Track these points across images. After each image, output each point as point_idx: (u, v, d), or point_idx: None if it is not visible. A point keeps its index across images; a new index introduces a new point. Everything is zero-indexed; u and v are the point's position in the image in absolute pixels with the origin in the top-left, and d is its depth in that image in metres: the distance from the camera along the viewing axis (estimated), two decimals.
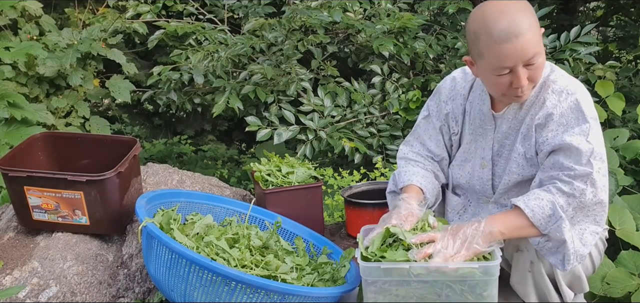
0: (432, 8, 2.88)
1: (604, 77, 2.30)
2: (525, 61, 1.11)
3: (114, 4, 3.19)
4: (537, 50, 1.12)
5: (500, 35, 1.09)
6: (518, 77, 1.12)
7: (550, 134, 1.17)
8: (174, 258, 1.20)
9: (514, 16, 1.10)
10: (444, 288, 1.12)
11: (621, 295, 1.43)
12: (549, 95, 1.19)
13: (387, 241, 1.17)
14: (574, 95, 1.16)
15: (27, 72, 2.61)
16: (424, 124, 1.40)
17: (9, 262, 1.48)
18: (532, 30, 1.11)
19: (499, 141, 1.28)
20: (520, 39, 1.09)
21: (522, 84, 1.13)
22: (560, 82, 1.19)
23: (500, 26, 1.10)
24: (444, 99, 1.36)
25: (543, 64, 1.16)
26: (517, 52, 1.10)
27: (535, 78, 1.15)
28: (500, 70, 1.13)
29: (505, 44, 1.09)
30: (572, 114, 1.15)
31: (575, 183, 1.11)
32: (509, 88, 1.15)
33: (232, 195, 1.96)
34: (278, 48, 2.60)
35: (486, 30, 1.11)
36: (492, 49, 1.11)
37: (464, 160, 1.34)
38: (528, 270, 1.20)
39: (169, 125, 4.00)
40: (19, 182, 1.52)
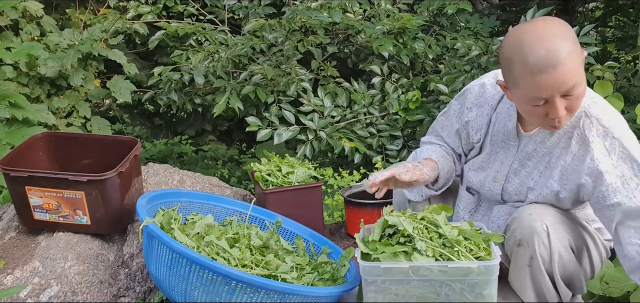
0: (432, 9, 2.89)
1: (603, 78, 2.30)
2: (563, 92, 1.03)
3: (115, 4, 3.20)
4: (577, 81, 1.03)
5: (536, 65, 1.01)
6: (555, 108, 1.05)
7: (610, 188, 1.11)
8: (175, 258, 1.21)
9: (552, 43, 1.01)
10: (444, 287, 1.13)
11: (620, 294, 1.43)
12: (594, 139, 1.12)
13: (386, 232, 1.18)
14: (620, 140, 1.11)
15: (28, 72, 2.62)
16: (442, 120, 1.37)
17: (10, 262, 1.48)
18: (572, 58, 1.01)
19: (520, 160, 1.23)
20: (559, 69, 1.00)
21: (559, 114, 1.06)
22: (604, 120, 1.13)
23: (537, 55, 1.01)
24: (468, 104, 1.29)
25: (583, 93, 1.08)
26: (554, 84, 1.02)
27: (574, 108, 1.07)
28: (536, 101, 1.06)
29: (542, 75, 1.01)
30: (626, 164, 1.11)
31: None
32: (545, 118, 1.08)
33: (232, 195, 1.97)
34: (278, 48, 2.61)
35: (521, 59, 1.03)
36: (527, 79, 1.03)
37: (479, 168, 1.31)
38: (527, 264, 1.19)
39: (170, 125, 4.01)
40: (20, 182, 1.53)
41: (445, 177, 1.33)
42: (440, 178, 1.32)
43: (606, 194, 1.12)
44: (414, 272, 1.12)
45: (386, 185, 1.23)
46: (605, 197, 1.12)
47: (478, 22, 2.91)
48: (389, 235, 1.19)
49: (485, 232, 1.23)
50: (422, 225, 1.18)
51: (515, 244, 1.20)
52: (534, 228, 1.16)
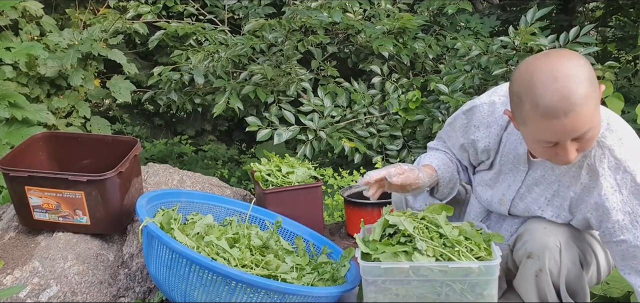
0: (432, 8, 2.89)
1: (603, 78, 2.30)
2: (575, 136, 0.97)
3: (115, 4, 3.20)
4: (591, 127, 0.96)
5: (547, 109, 0.94)
6: (565, 151, 0.98)
7: (617, 225, 1.07)
8: (175, 258, 1.20)
9: (566, 88, 0.92)
10: (444, 287, 1.13)
11: (620, 295, 1.43)
12: (604, 170, 1.06)
13: (387, 231, 1.18)
14: (633, 174, 1.04)
15: (28, 72, 2.62)
16: (448, 130, 1.32)
17: (9, 262, 1.48)
18: (587, 103, 0.93)
19: (527, 186, 1.19)
20: (571, 116, 0.93)
21: (569, 158, 0.99)
22: (618, 152, 1.05)
23: (549, 99, 0.93)
24: (476, 122, 1.22)
25: (597, 133, 1.00)
26: (565, 130, 0.95)
27: (585, 148, 1.01)
28: (545, 144, 0.99)
29: (552, 120, 0.94)
30: (637, 200, 1.05)
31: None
32: (554, 157, 1.02)
33: (232, 195, 1.97)
34: (278, 48, 2.61)
35: (531, 99, 0.95)
36: (536, 121, 0.96)
37: (487, 185, 1.27)
38: (534, 275, 1.18)
39: (170, 125, 4.01)
40: (20, 182, 1.52)
41: (448, 186, 1.30)
42: (441, 185, 1.28)
43: (613, 231, 1.08)
44: (414, 272, 1.11)
45: (380, 186, 1.22)
46: (612, 234, 1.08)
47: (478, 22, 2.91)
48: (389, 234, 1.19)
49: (486, 232, 1.23)
50: (423, 225, 1.18)
51: (526, 255, 1.18)
52: (546, 244, 1.14)
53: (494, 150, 1.22)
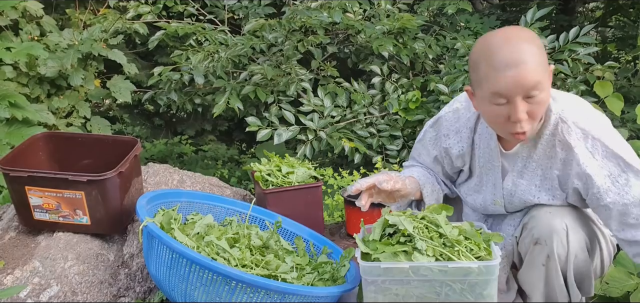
0: (432, 9, 2.89)
1: (603, 78, 2.30)
2: (525, 92, 1.04)
3: (115, 4, 3.20)
4: (539, 80, 1.04)
5: (500, 62, 1.04)
6: (516, 108, 1.05)
7: (601, 189, 1.11)
8: (175, 258, 1.21)
9: (518, 45, 1.04)
10: (444, 287, 1.13)
11: (620, 294, 1.43)
12: (575, 142, 1.12)
13: (387, 231, 1.18)
14: (600, 139, 1.11)
15: (28, 72, 2.62)
16: (419, 148, 1.37)
17: (10, 262, 1.48)
18: (536, 61, 1.04)
19: (513, 181, 1.23)
20: (521, 67, 1.02)
21: (519, 116, 1.06)
22: (581, 122, 1.12)
23: (502, 54, 1.04)
24: (444, 131, 1.29)
25: (546, 100, 1.08)
26: (516, 81, 1.03)
27: (535, 114, 1.07)
28: (498, 98, 1.06)
29: (505, 71, 1.03)
30: (611, 162, 1.10)
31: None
32: (507, 122, 1.08)
33: (232, 195, 1.97)
34: (278, 48, 2.61)
35: (487, 58, 1.06)
36: (490, 76, 1.05)
37: (475, 191, 1.30)
38: (542, 263, 1.18)
39: (170, 125, 4.01)
40: (20, 182, 1.52)
41: (432, 195, 1.33)
42: (426, 195, 1.31)
43: (599, 195, 1.12)
44: (414, 272, 1.12)
45: (370, 195, 1.24)
46: (599, 198, 1.12)
47: (478, 22, 2.91)
48: (389, 234, 1.19)
49: (486, 232, 1.23)
50: (423, 225, 1.18)
51: (532, 242, 1.19)
52: (553, 227, 1.15)
53: (468, 154, 1.27)
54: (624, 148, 1.12)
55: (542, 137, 1.16)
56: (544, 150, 1.17)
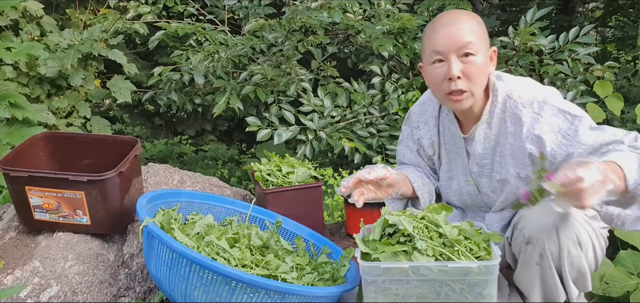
0: (432, 9, 2.88)
1: (603, 78, 2.30)
2: (458, 47, 1.14)
3: (115, 4, 3.20)
4: (471, 41, 1.14)
5: (438, 24, 1.17)
6: (450, 65, 1.15)
7: (556, 144, 1.15)
8: (175, 258, 1.21)
9: (456, 14, 1.17)
10: (444, 287, 1.13)
11: (620, 294, 1.43)
12: (522, 111, 1.18)
13: (386, 231, 1.18)
14: (546, 102, 1.17)
15: (28, 72, 2.62)
16: (401, 149, 1.45)
17: (10, 262, 1.48)
18: (470, 26, 1.15)
19: (477, 162, 1.28)
20: (455, 26, 1.14)
21: (453, 71, 1.14)
22: (525, 95, 1.19)
23: (440, 19, 1.18)
24: (414, 124, 1.39)
25: (483, 66, 1.17)
26: (450, 36, 1.14)
27: (470, 74, 1.16)
28: (435, 56, 1.17)
29: (440, 29, 1.16)
30: (559, 118, 1.15)
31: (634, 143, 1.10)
32: (445, 81, 1.17)
33: (232, 195, 1.97)
34: (278, 49, 2.61)
35: (429, 26, 1.20)
36: (430, 37, 1.18)
37: (448, 179, 1.37)
38: (536, 262, 1.19)
39: (170, 125, 4.01)
40: (20, 182, 1.53)
41: (424, 189, 1.36)
42: (417, 189, 1.34)
43: (553, 153, 1.16)
44: (414, 272, 1.12)
45: (360, 192, 1.25)
46: (554, 156, 1.17)
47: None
48: (389, 234, 1.19)
49: (485, 232, 1.23)
50: (422, 225, 1.18)
51: (524, 242, 1.20)
52: (542, 225, 1.16)
53: (436, 142, 1.36)
54: (570, 105, 1.17)
55: (493, 116, 1.23)
56: (498, 128, 1.23)
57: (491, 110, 1.23)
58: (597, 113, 2.21)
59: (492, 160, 1.26)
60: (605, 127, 1.13)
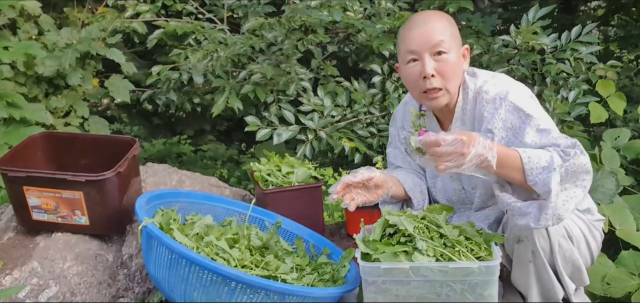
0: (433, 7, 2.87)
1: (605, 77, 2.29)
2: (431, 47, 1.19)
3: (113, 3, 3.19)
4: (443, 40, 1.19)
5: (411, 25, 1.22)
6: (424, 64, 1.19)
7: (504, 141, 1.19)
8: (174, 259, 1.20)
9: (427, 14, 1.23)
10: (444, 287, 1.12)
11: (621, 295, 1.43)
12: (484, 106, 1.22)
13: (387, 231, 1.18)
14: (506, 98, 1.19)
15: (26, 71, 2.61)
16: (391, 151, 1.49)
17: (8, 262, 1.48)
18: (442, 25, 1.20)
19: None
20: (427, 26, 1.20)
21: (427, 71, 1.19)
22: (492, 91, 1.22)
23: (413, 19, 1.24)
24: (399, 124, 1.44)
25: (455, 64, 1.21)
26: (422, 36, 1.19)
27: (444, 72, 1.20)
28: (410, 55, 1.21)
29: (413, 29, 1.21)
30: (513, 115, 1.18)
31: (568, 149, 1.12)
32: (420, 79, 1.21)
33: (231, 195, 1.96)
34: (278, 47, 2.60)
35: (403, 27, 1.24)
36: (404, 37, 1.23)
37: (433, 177, 1.39)
38: (529, 260, 1.20)
39: (168, 125, 4.00)
40: (18, 182, 1.52)
41: (415, 190, 1.39)
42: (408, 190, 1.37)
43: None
44: (415, 273, 1.11)
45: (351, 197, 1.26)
46: None
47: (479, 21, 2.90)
48: (389, 234, 1.18)
49: (486, 233, 1.22)
50: (423, 225, 1.17)
51: (515, 241, 1.21)
52: None
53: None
54: (529, 104, 1.18)
55: (466, 113, 1.26)
56: (472, 124, 1.26)
57: (464, 107, 1.26)
58: (599, 112, 2.20)
59: None
60: (552, 131, 1.14)
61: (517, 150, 1.12)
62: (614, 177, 1.71)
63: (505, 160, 1.09)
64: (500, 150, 1.09)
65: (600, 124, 2.48)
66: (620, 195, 1.78)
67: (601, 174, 1.72)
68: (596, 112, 2.19)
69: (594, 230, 1.27)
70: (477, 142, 1.05)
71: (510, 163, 1.10)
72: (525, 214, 1.11)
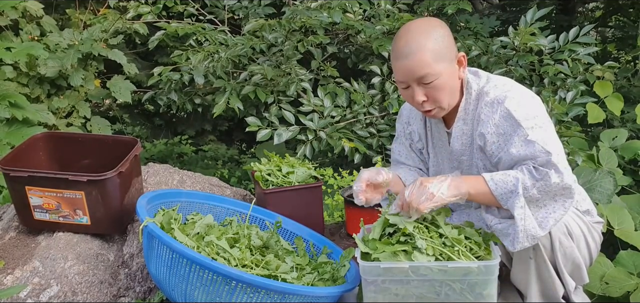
0: (432, 9, 2.88)
1: (603, 78, 2.30)
2: (416, 80, 1.19)
3: (115, 4, 3.20)
4: (428, 72, 1.17)
5: (396, 53, 1.21)
6: (413, 93, 1.21)
7: (495, 146, 1.20)
8: (175, 258, 1.21)
9: (410, 37, 1.18)
10: (444, 287, 1.13)
11: (620, 294, 1.43)
12: (483, 108, 1.23)
13: (387, 230, 1.18)
14: (503, 104, 1.19)
15: (28, 72, 2.62)
16: (396, 147, 1.48)
17: (10, 262, 1.48)
18: (424, 53, 1.17)
19: (457, 158, 1.32)
20: (410, 59, 1.17)
21: (417, 99, 1.20)
22: (492, 93, 1.22)
23: (397, 46, 1.20)
24: (405, 120, 1.45)
25: (445, 84, 1.20)
26: (406, 71, 1.19)
27: (434, 97, 1.21)
28: (400, 84, 1.23)
29: (397, 61, 1.20)
30: (506, 122, 1.18)
31: (540, 167, 1.12)
32: (413, 102, 1.24)
33: (232, 195, 1.97)
34: (278, 49, 2.61)
35: (392, 49, 1.23)
36: (393, 65, 1.23)
37: (436, 172, 1.40)
38: (530, 256, 1.20)
39: (170, 125, 4.01)
40: (21, 181, 1.53)
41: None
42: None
43: (491, 152, 1.21)
44: (414, 272, 1.12)
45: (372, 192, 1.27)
46: (491, 154, 1.21)
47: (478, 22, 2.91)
48: (389, 234, 1.19)
49: (486, 232, 1.23)
50: (423, 225, 1.18)
51: None
52: None
53: (424, 135, 1.40)
54: (523, 112, 1.17)
55: (468, 113, 1.27)
56: (472, 124, 1.27)
57: (466, 107, 1.27)
58: (597, 113, 2.21)
59: (469, 155, 1.29)
60: (536, 144, 1.13)
61: (483, 176, 1.15)
62: (611, 177, 1.72)
63: (474, 186, 1.14)
64: (469, 178, 1.15)
65: (598, 125, 2.49)
66: (618, 195, 1.79)
67: (599, 174, 1.73)
68: (594, 112, 2.20)
69: (593, 231, 1.28)
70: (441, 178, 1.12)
71: (479, 189, 1.14)
72: (506, 235, 1.15)
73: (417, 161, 1.45)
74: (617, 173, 1.84)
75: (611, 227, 1.62)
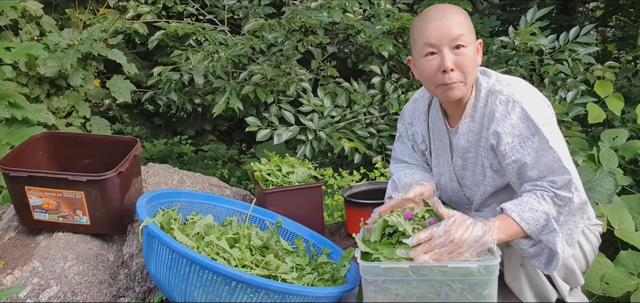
0: None
1: (603, 78, 2.30)
2: (450, 40, 1.16)
3: (115, 4, 3.20)
4: (462, 33, 1.17)
5: (428, 17, 1.19)
6: (443, 57, 1.16)
7: (509, 146, 1.17)
8: (175, 258, 1.20)
9: (444, 7, 1.19)
10: (444, 287, 1.12)
11: (620, 294, 1.43)
12: (497, 106, 1.20)
13: (386, 231, 1.18)
14: (520, 104, 1.17)
15: (27, 72, 2.62)
16: (399, 146, 1.47)
17: (9, 262, 1.48)
18: (460, 18, 1.18)
19: (461, 156, 1.30)
20: (445, 19, 1.17)
21: (447, 65, 1.16)
22: (506, 91, 1.21)
23: (430, 12, 1.20)
24: (407, 121, 1.43)
25: (473, 57, 1.19)
26: (442, 29, 1.16)
27: (463, 65, 1.18)
28: (427, 48, 1.18)
29: (431, 22, 1.18)
30: (523, 124, 1.16)
31: (562, 193, 1.12)
32: (438, 73, 1.18)
33: (232, 195, 1.97)
34: (278, 48, 2.61)
35: (419, 20, 1.21)
36: (421, 30, 1.19)
37: (437, 174, 1.38)
38: (519, 264, 1.21)
39: (170, 125, 4.01)
40: (20, 181, 1.52)
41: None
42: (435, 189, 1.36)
43: (505, 152, 1.18)
44: (414, 272, 1.11)
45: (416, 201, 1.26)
46: (504, 156, 1.19)
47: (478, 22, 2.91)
48: (389, 234, 1.19)
49: None
50: (423, 225, 1.18)
51: (505, 245, 1.20)
52: None
53: (427, 136, 1.39)
54: (541, 116, 1.17)
55: (477, 110, 1.24)
56: (481, 122, 1.24)
57: (475, 104, 1.25)
58: (597, 113, 2.20)
59: (475, 153, 1.27)
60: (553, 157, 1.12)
61: (513, 218, 1.12)
62: (612, 177, 1.72)
63: (505, 232, 1.12)
64: (499, 226, 1.10)
65: (598, 124, 2.49)
66: (618, 195, 1.79)
67: (599, 174, 1.73)
68: (594, 112, 2.20)
69: (590, 233, 1.27)
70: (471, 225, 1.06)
71: (510, 233, 1.13)
72: (538, 257, 1.16)
73: (420, 160, 1.44)
74: (617, 173, 1.84)
75: (611, 227, 1.62)
